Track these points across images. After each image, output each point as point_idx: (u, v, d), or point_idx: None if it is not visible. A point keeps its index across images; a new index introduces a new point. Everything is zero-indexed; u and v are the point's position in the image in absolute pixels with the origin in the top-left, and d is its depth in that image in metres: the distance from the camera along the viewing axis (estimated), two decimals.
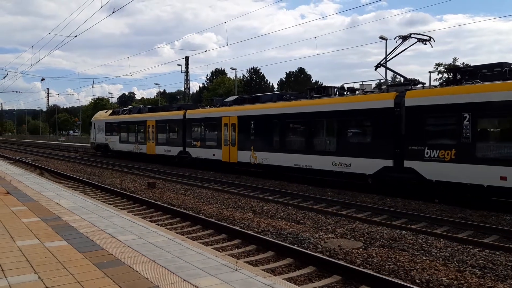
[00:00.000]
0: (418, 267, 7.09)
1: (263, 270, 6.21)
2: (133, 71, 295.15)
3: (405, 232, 9.75)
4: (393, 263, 7.29)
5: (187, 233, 9.66)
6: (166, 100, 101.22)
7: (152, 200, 13.61)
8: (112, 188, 16.57)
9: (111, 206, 10.72)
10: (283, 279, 5.79)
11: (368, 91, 17.28)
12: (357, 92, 17.51)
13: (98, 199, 13.20)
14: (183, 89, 64.21)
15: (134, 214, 10.55)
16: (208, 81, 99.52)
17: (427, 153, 13.44)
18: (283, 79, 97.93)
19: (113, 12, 22.79)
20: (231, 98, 25.43)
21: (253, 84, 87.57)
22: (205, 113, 25.53)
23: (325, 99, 18.00)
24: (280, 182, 18.47)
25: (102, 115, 39.63)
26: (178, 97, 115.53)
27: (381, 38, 32.98)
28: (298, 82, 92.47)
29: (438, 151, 13.16)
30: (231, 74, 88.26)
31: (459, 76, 14.22)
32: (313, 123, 17.96)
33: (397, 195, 14.46)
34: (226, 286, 4.78)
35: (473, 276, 6.76)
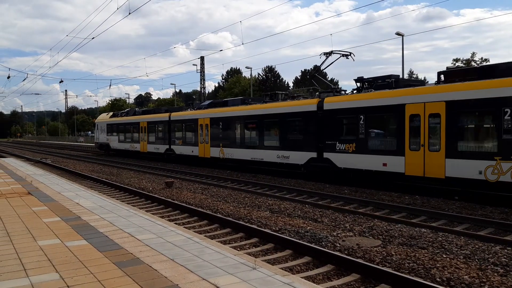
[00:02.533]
0: (438, 265, 7.00)
1: (281, 268, 6.20)
2: (149, 72, 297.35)
3: (425, 230, 9.64)
4: (412, 261, 7.21)
5: (205, 232, 9.70)
6: (182, 100, 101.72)
7: (169, 200, 13.70)
8: (130, 187, 16.73)
9: (129, 205, 10.81)
10: (301, 277, 5.76)
11: (302, 97, 21.56)
12: (296, 98, 21.46)
13: (117, 199, 13.35)
14: (198, 89, 64.40)
15: (153, 213, 10.64)
16: (223, 80, 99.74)
17: (338, 146, 17.34)
18: (299, 77, 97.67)
19: (129, 14, 22.99)
20: (206, 102, 29.72)
21: (269, 83, 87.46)
22: (185, 115, 29.19)
23: (271, 104, 21.82)
24: (296, 181, 18.43)
25: (104, 117, 43.83)
26: (194, 96, 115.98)
27: (398, 34, 32.62)
28: (314, 80, 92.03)
29: (345, 144, 17.05)
30: (246, 73, 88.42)
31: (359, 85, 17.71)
32: (263, 124, 21.76)
33: (328, 181, 17.68)
34: (245, 284, 4.78)
35: (495, 274, 6.64)
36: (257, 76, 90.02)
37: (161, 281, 4.86)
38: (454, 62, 63.95)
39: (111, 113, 44.86)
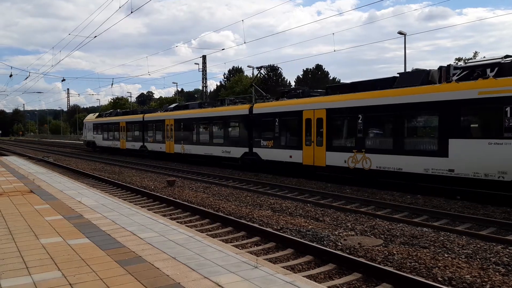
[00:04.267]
0: (440, 264, 6.99)
1: (283, 267, 6.21)
2: (151, 71, 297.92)
3: (426, 229, 9.63)
4: (414, 261, 7.20)
5: (207, 231, 9.70)
6: (184, 99, 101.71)
7: (171, 198, 13.71)
8: (132, 186, 16.75)
9: (131, 204, 10.84)
10: (303, 276, 5.77)
11: (241, 102, 26.12)
12: (238, 103, 25.94)
13: (119, 197, 13.37)
14: (200, 87, 64.42)
15: (154, 212, 10.64)
16: (225, 79, 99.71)
17: (262, 143, 21.58)
18: (300, 76, 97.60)
19: (131, 12, 22.97)
20: (172, 105, 34.90)
21: (270, 82, 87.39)
22: (155, 116, 33.62)
23: (219, 108, 26.31)
24: (298, 180, 18.44)
25: (90, 118, 49.02)
26: (196, 95, 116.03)
27: (400, 33, 32.57)
28: (316, 79, 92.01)
29: (266, 141, 21.29)
30: (248, 72, 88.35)
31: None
32: (212, 124, 26.12)
33: (256, 170, 21.80)
34: (247, 283, 4.78)
35: (497, 273, 6.64)
36: (259, 75, 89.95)
37: (163, 280, 4.87)
38: (456, 61, 63.85)
39: (97, 114, 50.32)
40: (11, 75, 47.20)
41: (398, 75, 16.19)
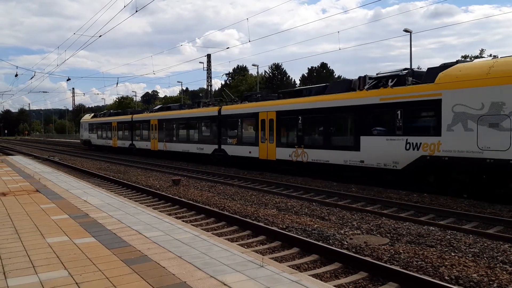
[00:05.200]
0: (446, 263, 6.95)
1: (289, 266, 6.20)
2: (156, 70, 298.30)
3: (433, 228, 9.59)
4: (420, 260, 7.17)
5: (212, 230, 9.70)
6: (188, 98, 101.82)
7: (177, 197, 13.72)
8: (137, 185, 16.78)
9: (137, 203, 10.85)
10: (309, 275, 5.75)
11: (213, 104, 28.85)
12: (211, 105, 28.90)
13: (124, 196, 13.39)
14: (205, 86, 64.41)
15: (160, 211, 10.65)
16: (230, 78, 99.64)
17: (228, 141, 24.56)
18: (305, 75, 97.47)
19: (136, 11, 22.97)
20: (157, 107, 38.98)
21: (275, 80, 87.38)
22: (142, 117, 36.68)
23: (195, 109, 29.56)
24: (303, 179, 18.41)
25: (86, 118, 52.87)
26: (200, 94, 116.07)
27: (406, 31, 32.44)
28: (321, 77, 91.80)
29: (232, 139, 24.28)
30: (253, 71, 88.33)
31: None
32: (189, 124, 29.08)
33: (223, 165, 24.64)
34: (253, 282, 4.77)
35: (504, 272, 6.59)
36: (263, 73, 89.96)
37: (169, 278, 4.87)
38: (463, 59, 63.58)
39: (92, 114, 54.67)
40: (16, 75, 47.47)
41: (329, 83, 20.04)
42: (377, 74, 16.91)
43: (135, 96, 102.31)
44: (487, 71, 12.64)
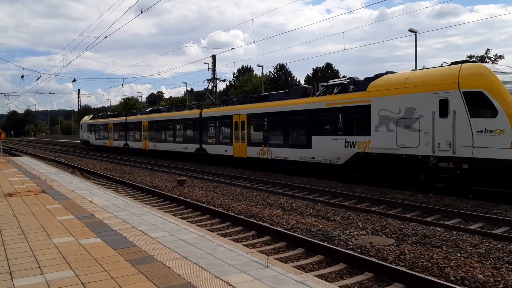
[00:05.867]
0: (452, 264, 6.93)
1: (294, 267, 6.20)
2: (161, 71, 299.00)
3: (438, 229, 9.55)
4: (426, 260, 7.15)
5: (217, 230, 9.71)
6: (193, 98, 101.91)
7: (182, 198, 13.74)
8: (143, 186, 16.82)
9: (142, 203, 10.89)
10: (314, 276, 5.75)
11: (196, 107, 31.76)
12: (194, 108, 31.80)
13: (130, 197, 13.44)
14: (210, 87, 64.51)
15: (165, 211, 10.68)
16: (234, 78, 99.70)
17: (208, 140, 27.19)
18: (310, 75, 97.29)
19: (141, 13, 23.04)
20: (148, 109, 41.35)
21: (280, 81, 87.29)
22: (134, 118, 39.31)
23: (180, 112, 32.43)
24: (308, 179, 18.39)
25: (86, 120, 56.05)
26: (205, 95, 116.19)
27: (411, 31, 32.33)
28: (326, 78, 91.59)
29: (211, 139, 26.88)
30: (257, 71, 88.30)
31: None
32: (174, 125, 32.00)
33: (205, 163, 27.19)
34: (258, 282, 4.78)
35: (510, 273, 6.55)
36: (268, 74, 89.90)
37: (174, 279, 4.88)
38: (468, 58, 63.24)
39: (91, 116, 57.84)
40: (22, 76, 47.66)
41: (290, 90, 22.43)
42: (327, 82, 19.71)
43: (141, 97, 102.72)
44: (404, 82, 15.01)
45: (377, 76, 16.68)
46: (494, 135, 12.55)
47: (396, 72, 16.75)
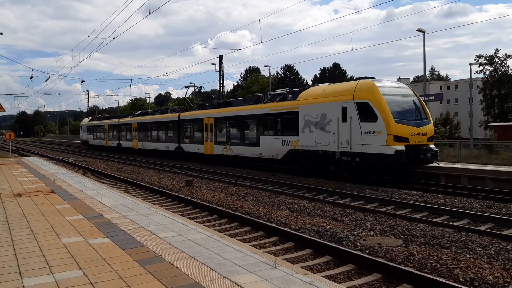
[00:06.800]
0: (461, 265, 6.88)
1: (302, 267, 6.19)
2: (169, 71, 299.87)
3: (447, 230, 9.49)
4: (435, 261, 7.10)
5: (225, 230, 9.71)
6: (201, 99, 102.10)
7: (190, 198, 13.77)
8: (151, 186, 16.88)
9: (150, 203, 10.92)
10: (322, 276, 5.73)
11: (176, 111, 35.55)
12: (175, 111, 35.70)
13: (138, 197, 13.49)
14: (217, 87, 64.56)
15: (173, 212, 10.70)
16: (242, 79, 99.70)
17: (185, 140, 31.38)
18: (318, 75, 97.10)
19: (149, 14, 23.13)
20: (138, 112, 46.47)
21: (287, 81, 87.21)
22: (126, 120, 43.79)
23: (163, 115, 36.91)
24: (316, 179, 18.36)
25: (85, 121, 60.73)
26: (213, 95, 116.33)
27: (419, 30, 32.13)
28: (333, 78, 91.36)
29: (187, 139, 31.06)
30: (265, 72, 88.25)
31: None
32: (158, 127, 36.41)
33: (182, 160, 31.24)
34: (266, 283, 4.78)
35: None
36: (275, 74, 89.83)
37: (182, 279, 4.89)
38: (477, 58, 62.77)
39: (90, 118, 62.99)
40: (32, 77, 47.96)
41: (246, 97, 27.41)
42: (275, 91, 24.78)
43: (149, 97, 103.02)
44: (321, 93, 19.20)
45: (307, 87, 21.71)
46: (375, 135, 16.30)
47: (319, 85, 21.13)
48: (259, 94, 26.18)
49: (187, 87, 40.17)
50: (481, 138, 46.92)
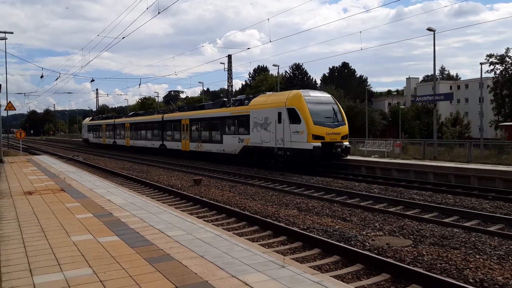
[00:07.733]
0: (471, 266, 6.84)
1: (310, 267, 6.17)
2: (177, 71, 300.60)
3: (457, 230, 9.43)
4: (444, 262, 7.06)
5: (233, 229, 9.72)
6: (209, 98, 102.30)
7: (198, 197, 13.80)
8: (159, 185, 16.94)
9: (159, 202, 10.96)
10: (330, 276, 5.72)
11: (160, 112, 40.62)
12: (160, 113, 40.51)
13: (147, 196, 13.55)
14: (226, 87, 64.59)
15: (182, 210, 10.74)
16: (250, 78, 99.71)
17: (167, 138, 35.58)
18: (326, 75, 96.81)
19: (159, 13, 23.22)
20: (131, 113, 52.00)
21: (296, 81, 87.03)
22: (120, 120, 48.58)
23: (149, 116, 41.81)
24: (324, 179, 18.32)
25: (86, 121, 65.91)
26: (221, 95, 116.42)
27: (429, 29, 31.91)
28: (342, 77, 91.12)
29: (169, 137, 35.26)
30: (273, 71, 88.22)
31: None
32: (146, 126, 40.62)
33: (165, 155, 35.24)
34: (274, 282, 4.78)
35: None
36: (284, 73, 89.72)
37: (191, 277, 4.91)
38: (488, 58, 62.20)
39: (90, 118, 68.00)
40: (42, 76, 48.74)
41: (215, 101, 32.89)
42: (237, 97, 29.38)
43: (157, 96, 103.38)
44: (265, 100, 23.75)
45: (258, 95, 26.32)
46: (300, 134, 20.69)
47: (266, 93, 26.64)
48: (225, 99, 32.92)
49: (170, 91, 45.91)
50: (491, 138, 46.53)
